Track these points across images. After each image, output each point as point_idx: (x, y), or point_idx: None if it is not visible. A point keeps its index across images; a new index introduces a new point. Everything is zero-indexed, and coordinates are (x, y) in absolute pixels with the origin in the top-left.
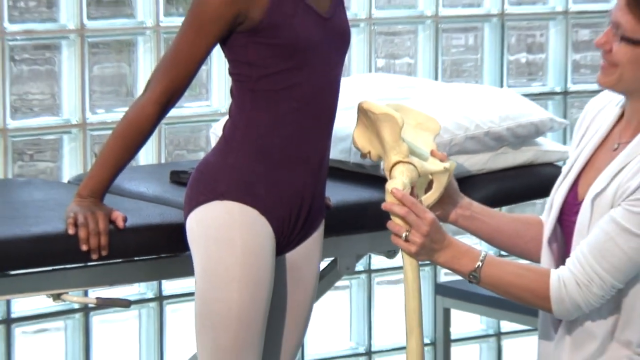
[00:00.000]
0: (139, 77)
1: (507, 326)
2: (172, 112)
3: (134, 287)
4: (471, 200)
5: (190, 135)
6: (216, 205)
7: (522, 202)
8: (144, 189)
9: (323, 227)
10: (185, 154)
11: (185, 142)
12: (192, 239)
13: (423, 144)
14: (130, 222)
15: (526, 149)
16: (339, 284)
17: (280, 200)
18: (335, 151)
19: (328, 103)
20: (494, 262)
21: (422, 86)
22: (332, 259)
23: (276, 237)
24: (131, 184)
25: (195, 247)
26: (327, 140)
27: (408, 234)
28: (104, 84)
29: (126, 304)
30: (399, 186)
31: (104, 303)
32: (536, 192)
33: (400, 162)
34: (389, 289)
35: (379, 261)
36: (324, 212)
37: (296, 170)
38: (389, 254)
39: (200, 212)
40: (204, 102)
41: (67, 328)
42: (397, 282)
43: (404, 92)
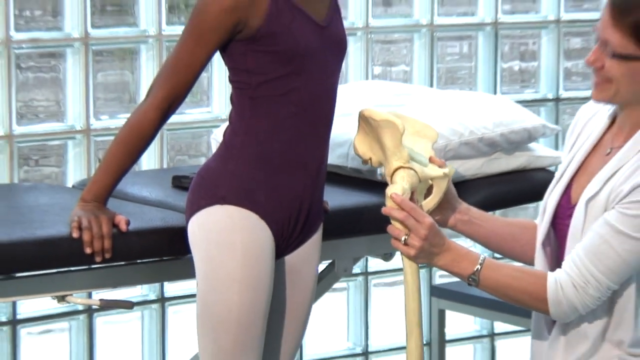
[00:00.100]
0: (141, 84)
1: (500, 327)
2: (174, 118)
3: (137, 289)
4: (469, 206)
5: (192, 141)
6: (217, 209)
7: (515, 206)
8: (146, 193)
9: (321, 230)
10: (186, 159)
11: (187, 148)
12: (193, 242)
13: (421, 150)
14: (133, 226)
15: (519, 155)
16: (336, 285)
17: (280, 205)
18: (333, 156)
19: (325, 109)
20: (492, 265)
21: (417, 93)
22: (330, 261)
23: (276, 241)
24: (134, 189)
25: (196, 251)
26: (325, 146)
27: (407, 237)
28: (108, 91)
29: (129, 305)
30: (398, 191)
31: (107, 305)
32: (529, 196)
33: (401, 167)
34: (385, 290)
35: (375, 264)
36: (322, 216)
37: (295, 175)
38: (385, 257)
39: (201, 216)
40: (204, 108)
41: (72, 329)
42: (393, 284)
43: (400, 99)
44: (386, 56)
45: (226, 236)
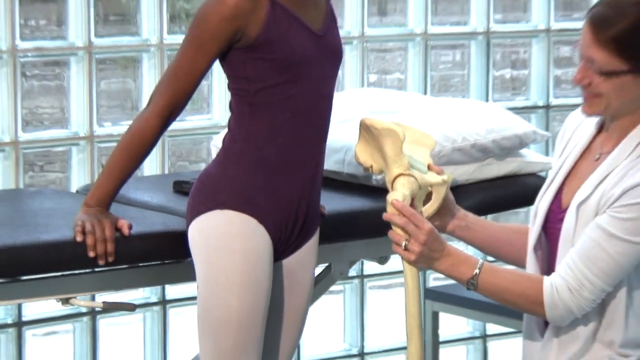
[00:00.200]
0: (143, 91)
1: (492, 328)
2: (175, 125)
3: (139, 292)
4: (466, 212)
5: (192, 147)
6: (217, 214)
7: (506, 211)
8: (148, 198)
9: (318, 234)
10: (187, 165)
11: (187, 154)
12: (193, 246)
13: (420, 158)
14: (135, 230)
15: (510, 160)
16: (333, 288)
17: (279, 206)
18: (330, 162)
19: (322, 115)
20: (490, 269)
21: (412, 100)
22: (326, 264)
23: (274, 245)
24: (136, 194)
25: (196, 255)
26: (322, 150)
27: (407, 243)
28: (111, 98)
29: (131, 307)
30: (399, 197)
31: (110, 307)
32: (520, 201)
33: (401, 174)
34: (380, 293)
35: (371, 267)
36: (319, 220)
37: (294, 176)
38: (380, 260)
39: (201, 220)
40: (205, 115)
41: (75, 331)
42: (388, 286)
43: (395, 106)
44: (381, 64)
45: (226, 241)
